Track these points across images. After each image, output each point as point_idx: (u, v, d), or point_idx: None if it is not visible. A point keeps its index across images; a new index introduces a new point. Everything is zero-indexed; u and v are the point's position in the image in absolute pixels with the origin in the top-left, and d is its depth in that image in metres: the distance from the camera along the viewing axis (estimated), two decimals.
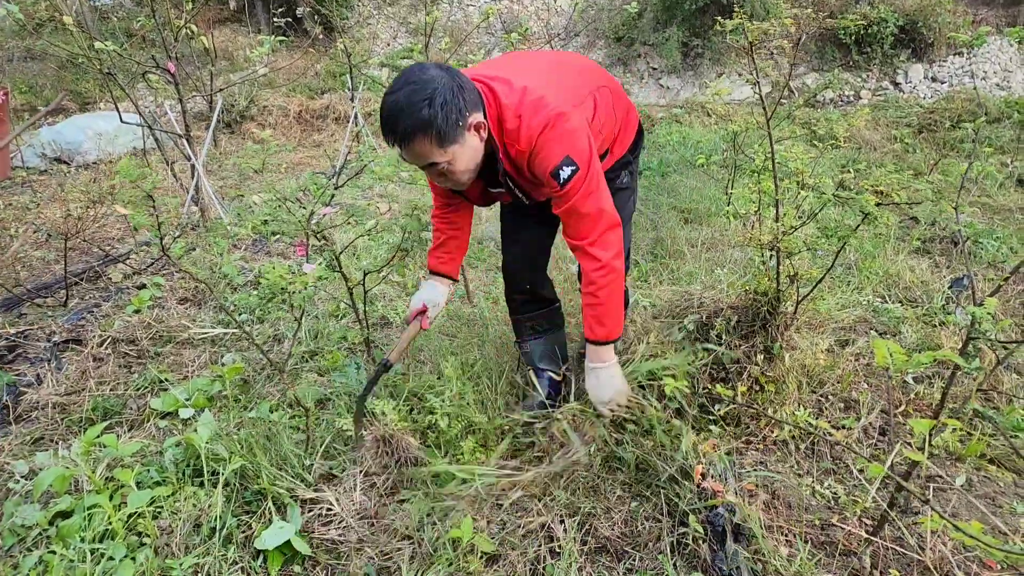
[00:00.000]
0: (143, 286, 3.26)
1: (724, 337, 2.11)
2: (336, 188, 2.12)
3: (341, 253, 2.19)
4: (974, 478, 2.01)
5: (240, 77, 7.90)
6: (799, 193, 2.27)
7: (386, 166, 2.34)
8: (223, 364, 2.57)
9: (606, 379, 1.73)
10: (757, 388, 2.11)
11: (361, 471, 1.83)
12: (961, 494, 1.94)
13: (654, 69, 10.43)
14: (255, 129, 8.27)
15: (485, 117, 1.48)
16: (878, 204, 1.93)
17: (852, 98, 10.53)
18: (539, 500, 1.76)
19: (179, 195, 4.35)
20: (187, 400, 2.24)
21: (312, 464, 1.82)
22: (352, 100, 5.47)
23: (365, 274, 2.05)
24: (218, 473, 1.72)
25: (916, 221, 4.50)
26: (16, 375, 2.44)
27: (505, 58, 1.74)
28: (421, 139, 1.39)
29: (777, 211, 2.11)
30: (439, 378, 2.21)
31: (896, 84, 10.80)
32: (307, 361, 2.57)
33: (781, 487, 1.82)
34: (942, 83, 10.52)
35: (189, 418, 2.14)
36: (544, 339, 2.19)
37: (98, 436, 1.65)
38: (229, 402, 2.24)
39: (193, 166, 3.79)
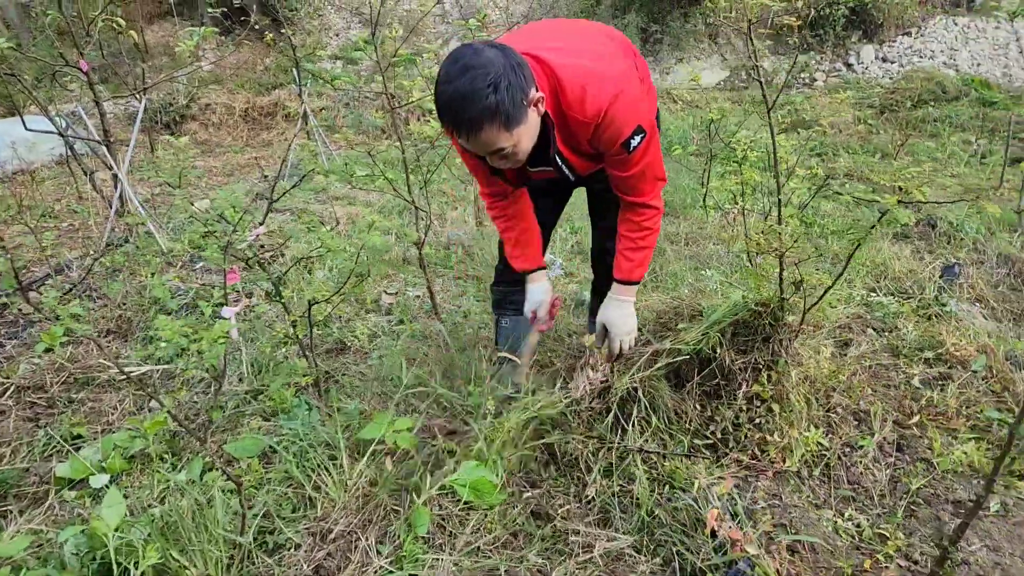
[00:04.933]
0: (57, 318, 2.84)
1: (719, 351, 1.86)
2: (271, 203, 1.77)
3: (286, 272, 1.85)
4: (1008, 500, 1.81)
5: (178, 74, 7.35)
6: (786, 184, 2.06)
7: (340, 165, 2.02)
8: (150, 410, 2.20)
9: (630, 313, 1.84)
10: (760, 407, 1.87)
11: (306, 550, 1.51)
12: (998, 523, 1.74)
13: None
14: (197, 129, 7.74)
15: (537, 91, 1.44)
16: (900, 203, 1.68)
17: (808, 80, 10.53)
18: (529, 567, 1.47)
19: (105, 209, 3.89)
20: (102, 462, 1.87)
21: (249, 547, 1.48)
22: (300, 96, 5.06)
23: (310, 304, 1.71)
24: (130, 570, 1.37)
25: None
26: None
27: (538, 28, 1.72)
28: (489, 127, 1.36)
29: (779, 212, 1.84)
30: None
31: (849, 65, 10.85)
32: (250, 402, 2.21)
33: (801, 524, 1.58)
34: (892, 63, 10.63)
35: (102, 487, 1.78)
36: (524, 317, 2.07)
37: None
38: (153, 462, 1.88)
39: (115, 175, 3.36)
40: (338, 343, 2.60)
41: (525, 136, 1.44)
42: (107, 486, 1.80)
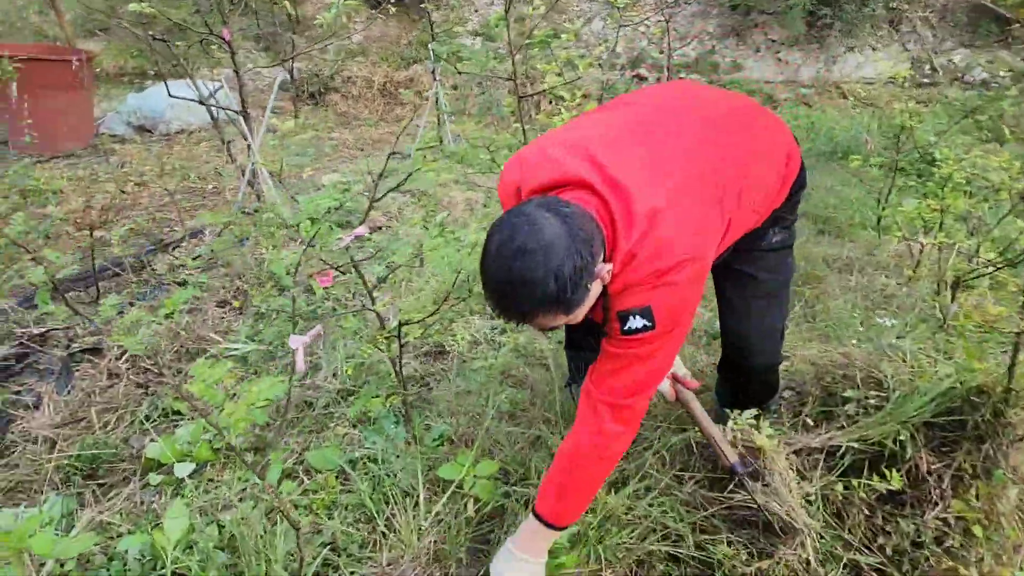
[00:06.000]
0: (184, 283, 2.93)
1: (909, 449, 1.44)
2: (372, 203, 1.61)
3: (377, 286, 1.70)
4: None
5: (317, 45, 7.59)
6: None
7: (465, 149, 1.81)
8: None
9: None
10: (955, 526, 1.42)
11: None
12: None
13: (772, 41, 9.27)
14: (338, 100, 7.99)
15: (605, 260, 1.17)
16: None
17: (1008, 80, 8.96)
18: None
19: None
20: (191, 447, 1.83)
21: None
22: (433, 75, 4.98)
23: (400, 325, 1.54)
24: None
25: None
26: (20, 390, 2.14)
27: (632, 121, 1.34)
28: (544, 316, 1.12)
29: None
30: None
31: None
32: (340, 402, 2.11)
33: None
34: None
35: (185, 478, 1.73)
36: None
37: (31, 535, 1.24)
38: (237, 457, 1.82)
39: (249, 146, 3.42)
40: (437, 346, 2.44)
41: (583, 311, 1.18)
42: (195, 474, 1.76)
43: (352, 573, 1.43)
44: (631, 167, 1.20)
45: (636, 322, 1.18)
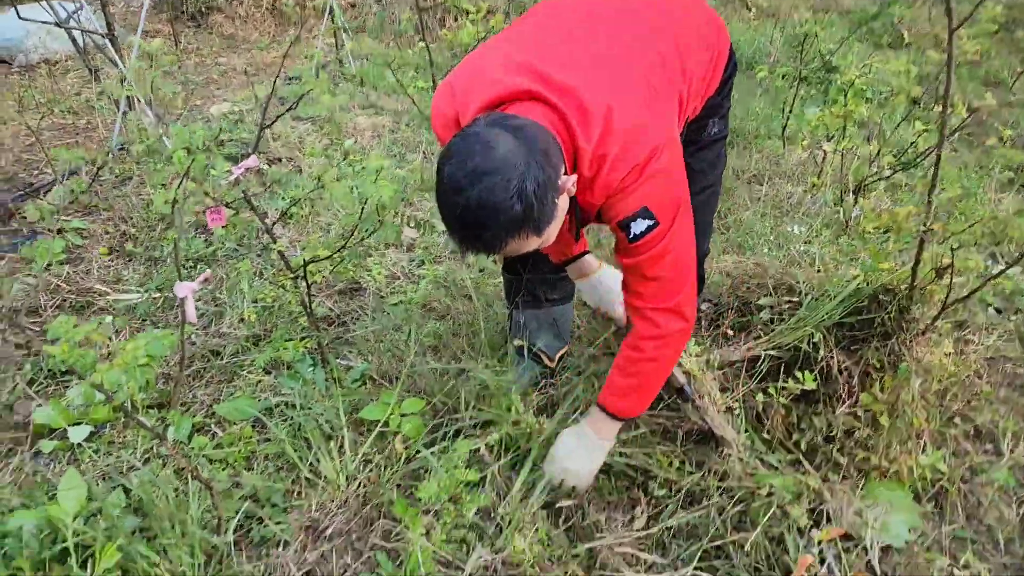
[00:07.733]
0: (61, 230, 2.63)
1: (821, 350, 1.51)
2: (262, 129, 1.45)
3: (276, 223, 1.56)
4: None
5: None
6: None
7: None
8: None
9: (588, 455, 1.39)
10: (864, 417, 1.52)
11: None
12: None
13: None
14: (223, 21, 7.23)
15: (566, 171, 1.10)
16: None
17: None
18: None
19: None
20: (84, 408, 1.68)
21: (227, 550, 1.28)
22: None
23: (306, 264, 1.42)
24: (90, 563, 1.19)
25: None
26: None
27: (567, 16, 1.26)
28: (515, 240, 1.04)
29: (935, 173, 1.40)
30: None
31: None
32: (251, 348, 1.99)
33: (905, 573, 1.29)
34: None
35: (81, 442, 1.59)
36: (545, 310, 1.74)
37: None
38: (142, 411, 1.69)
39: (122, 74, 3.03)
40: (352, 283, 2.33)
41: (555, 228, 1.12)
42: (93, 436, 1.62)
43: (278, 523, 1.38)
44: (571, 67, 1.13)
45: (640, 226, 1.15)
